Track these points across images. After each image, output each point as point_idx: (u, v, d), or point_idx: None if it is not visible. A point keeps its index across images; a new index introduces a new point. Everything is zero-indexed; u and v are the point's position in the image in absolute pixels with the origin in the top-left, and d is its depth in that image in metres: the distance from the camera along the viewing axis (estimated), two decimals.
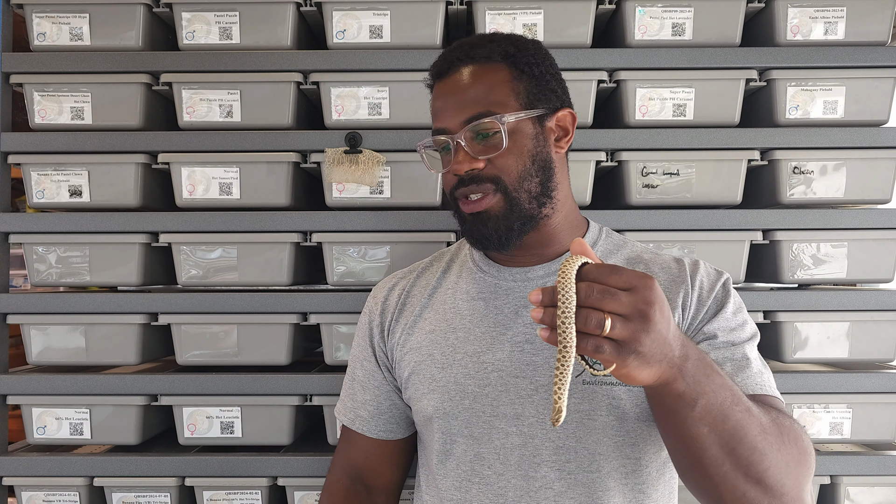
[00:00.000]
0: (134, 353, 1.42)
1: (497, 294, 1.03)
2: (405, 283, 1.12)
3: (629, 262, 1.04)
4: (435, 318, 1.05)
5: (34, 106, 1.42)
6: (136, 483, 1.39)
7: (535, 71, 0.98)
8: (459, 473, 0.99)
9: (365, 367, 1.12)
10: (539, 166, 0.97)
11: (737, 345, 0.95)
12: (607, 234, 1.09)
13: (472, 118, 0.95)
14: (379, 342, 1.11)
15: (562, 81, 1.04)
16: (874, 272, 1.40)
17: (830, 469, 1.37)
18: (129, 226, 1.41)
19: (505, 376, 0.97)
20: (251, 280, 1.41)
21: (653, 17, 1.38)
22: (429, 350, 1.03)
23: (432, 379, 1.01)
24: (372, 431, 1.12)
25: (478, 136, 0.95)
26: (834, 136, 1.38)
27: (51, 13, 1.41)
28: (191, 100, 1.41)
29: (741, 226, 1.38)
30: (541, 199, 0.98)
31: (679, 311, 0.98)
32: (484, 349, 0.99)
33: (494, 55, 0.98)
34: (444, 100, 0.99)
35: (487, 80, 0.97)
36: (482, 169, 0.96)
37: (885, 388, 1.37)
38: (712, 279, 1.00)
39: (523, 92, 0.97)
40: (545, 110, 0.99)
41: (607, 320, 0.66)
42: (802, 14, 1.38)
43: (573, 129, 1.03)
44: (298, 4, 1.40)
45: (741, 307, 1.00)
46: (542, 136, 0.98)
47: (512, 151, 0.95)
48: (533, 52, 1.00)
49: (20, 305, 1.42)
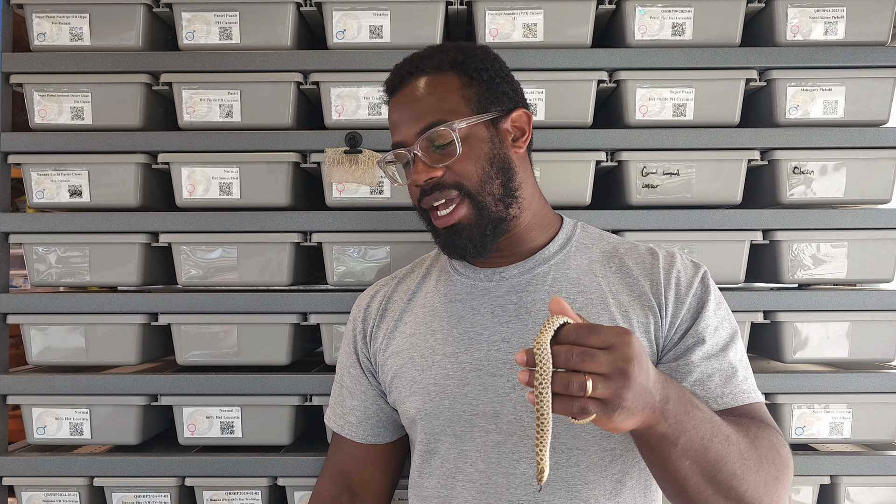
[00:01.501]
0: (134, 353, 1.42)
1: (473, 295, 1.04)
2: (386, 291, 1.14)
3: (605, 256, 1.05)
4: (415, 321, 1.07)
5: (34, 106, 1.42)
6: (136, 483, 1.39)
7: (485, 76, 1.00)
8: (444, 471, 1.01)
9: (351, 374, 1.14)
10: (498, 168, 0.99)
11: (723, 350, 0.96)
12: (582, 227, 1.10)
13: (426, 128, 0.97)
14: (362, 349, 1.12)
15: (513, 83, 1.05)
16: (874, 272, 1.40)
17: (830, 469, 1.37)
18: (129, 226, 1.41)
19: (483, 375, 0.99)
20: (251, 280, 1.41)
21: (653, 17, 1.38)
22: (409, 353, 1.05)
23: (413, 381, 1.03)
24: (360, 436, 1.13)
25: (433, 146, 0.97)
26: (834, 136, 1.38)
27: (51, 13, 1.41)
28: (191, 100, 1.41)
29: (741, 226, 1.38)
30: (505, 199, 1.00)
31: (654, 309, 0.99)
32: (462, 349, 1.01)
33: (443, 64, 1.00)
34: (398, 113, 1.01)
35: (438, 89, 0.99)
36: (442, 177, 0.98)
37: (885, 388, 1.37)
38: (689, 274, 1.01)
39: (474, 97, 0.99)
40: (498, 112, 1.01)
41: (588, 382, 0.69)
42: (802, 14, 1.38)
43: (530, 129, 1.04)
44: (298, 4, 1.40)
45: (720, 301, 1.01)
46: (497, 139, 1.00)
47: (468, 156, 0.97)
48: (481, 58, 1.02)
49: (20, 305, 1.42)
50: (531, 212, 1.04)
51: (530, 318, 1.00)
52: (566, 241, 1.07)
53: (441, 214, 0.99)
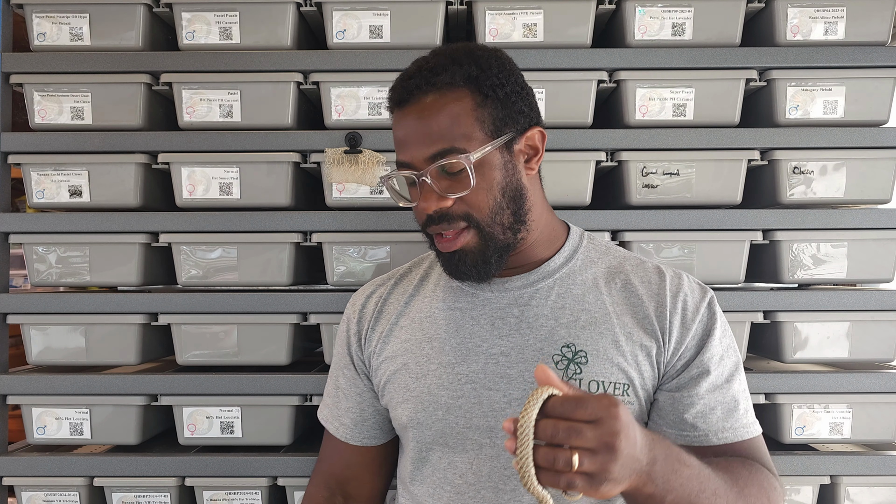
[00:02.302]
0: (134, 353, 1.42)
1: (474, 305, 1.01)
2: (382, 291, 1.10)
3: (611, 272, 1.02)
4: (411, 326, 1.04)
5: (34, 106, 1.42)
6: (136, 483, 1.39)
7: (500, 93, 0.94)
8: (434, 480, 1.00)
9: (346, 375, 1.11)
10: (510, 197, 0.94)
11: (728, 382, 0.96)
12: (589, 239, 1.07)
13: (437, 155, 0.91)
14: (356, 351, 1.09)
15: (529, 98, 0.99)
16: (874, 272, 1.40)
17: (830, 469, 1.37)
18: (129, 226, 1.41)
19: (478, 388, 0.97)
20: (251, 280, 1.41)
21: (653, 17, 1.38)
22: (403, 359, 1.02)
23: (406, 389, 1.01)
24: (355, 439, 1.11)
25: (444, 172, 0.92)
26: (834, 136, 1.38)
27: (51, 13, 1.41)
28: (191, 100, 1.41)
29: (741, 226, 1.38)
30: (515, 227, 0.96)
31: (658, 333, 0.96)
32: (458, 360, 0.98)
33: (457, 80, 0.93)
34: (405, 131, 0.94)
35: (450, 110, 0.92)
36: (451, 207, 0.93)
37: (885, 388, 1.37)
38: (696, 299, 0.99)
39: (489, 119, 0.93)
40: (513, 133, 0.95)
41: (575, 457, 0.68)
42: (802, 14, 1.38)
43: (543, 147, 0.98)
44: (298, 4, 1.40)
45: (726, 328, 0.99)
46: (511, 164, 0.95)
47: (481, 187, 0.92)
48: (497, 72, 0.94)
49: (20, 305, 1.42)
50: (539, 230, 1.00)
51: (532, 334, 0.97)
52: (572, 252, 1.03)
53: (446, 238, 0.95)
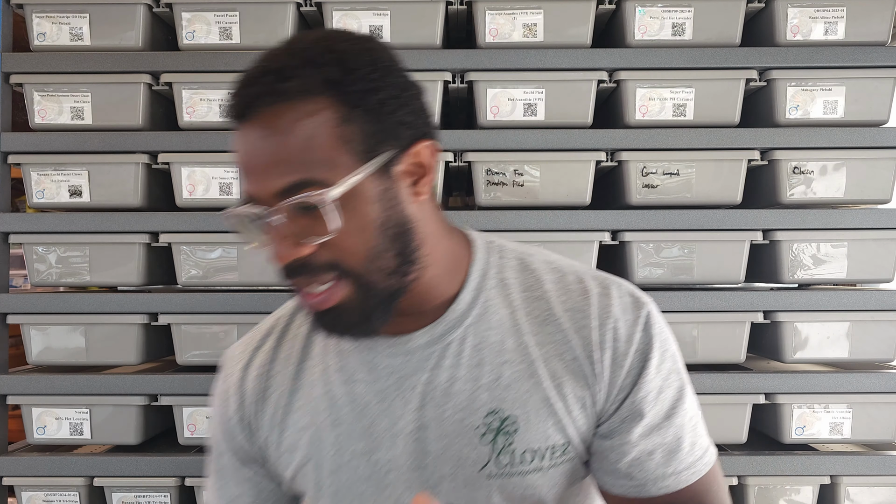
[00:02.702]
0: (134, 353, 1.42)
1: (376, 375, 0.81)
2: (263, 360, 0.87)
3: (529, 298, 0.81)
4: (308, 408, 0.84)
5: (34, 106, 1.42)
6: (136, 483, 1.39)
7: (373, 101, 0.69)
8: None
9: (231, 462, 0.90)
10: (393, 235, 0.71)
11: (668, 418, 0.79)
12: (500, 256, 0.84)
13: (288, 190, 0.67)
14: (243, 442, 0.87)
15: (414, 102, 0.73)
16: (874, 272, 1.40)
17: (830, 469, 1.37)
18: (129, 226, 1.41)
19: (404, 472, 0.80)
20: (251, 280, 1.41)
21: (653, 17, 1.38)
22: (308, 452, 0.83)
23: (319, 485, 0.83)
24: None
25: (301, 209, 0.69)
26: (834, 136, 1.38)
27: (51, 13, 1.41)
28: (191, 100, 1.41)
29: (741, 226, 1.38)
30: (402, 269, 0.73)
31: (588, 379, 0.78)
32: (373, 447, 0.81)
33: (312, 86, 0.67)
34: (247, 154, 0.69)
35: (304, 128, 0.67)
36: (313, 255, 0.70)
37: (885, 388, 1.37)
38: (629, 321, 0.78)
39: (358, 137, 0.68)
40: (392, 151, 0.71)
41: None
42: (802, 14, 1.38)
43: (435, 162, 0.75)
44: (298, 4, 1.40)
45: (665, 347, 0.79)
46: (391, 192, 0.71)
47: (351, 228, 0.69)
48: (367, 72, 0.69)
49: (20, 305, 1.42)
50: (436, 263, 0.78)
51: (448, 402, 0.78)
52: (481, 279, 0.81)
53: (312, 295, 0.72)
